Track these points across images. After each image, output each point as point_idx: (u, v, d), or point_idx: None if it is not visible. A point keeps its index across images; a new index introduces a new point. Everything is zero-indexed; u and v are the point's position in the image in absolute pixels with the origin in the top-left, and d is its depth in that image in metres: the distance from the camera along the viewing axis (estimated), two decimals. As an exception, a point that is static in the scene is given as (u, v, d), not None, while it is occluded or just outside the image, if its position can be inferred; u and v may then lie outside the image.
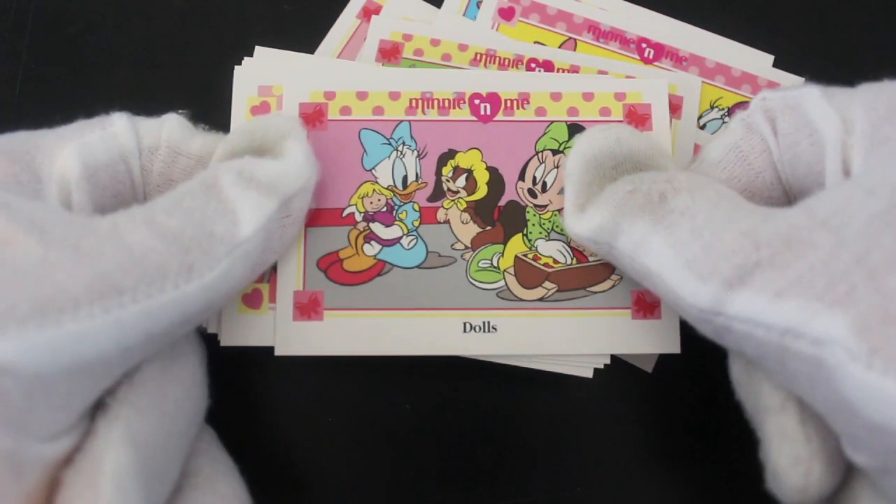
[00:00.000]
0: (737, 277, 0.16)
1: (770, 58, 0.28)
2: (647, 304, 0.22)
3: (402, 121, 0.23)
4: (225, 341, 0.21)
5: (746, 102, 0.27)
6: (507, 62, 0.27)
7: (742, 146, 0.20)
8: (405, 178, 0.23)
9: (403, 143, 0.23)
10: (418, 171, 0.23)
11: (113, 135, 0.20)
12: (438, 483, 0.24)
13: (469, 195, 0.23)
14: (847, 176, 0.18)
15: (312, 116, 0.23)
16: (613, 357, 0.23)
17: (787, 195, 0.21)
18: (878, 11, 0.30)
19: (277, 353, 0.21)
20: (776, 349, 0.16)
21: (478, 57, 0.27)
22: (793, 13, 0.30)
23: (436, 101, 0.24)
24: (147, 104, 0.23)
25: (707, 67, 0.28)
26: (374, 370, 0.25)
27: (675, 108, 0.26)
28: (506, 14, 0.29)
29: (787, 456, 0.17)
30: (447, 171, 0.23)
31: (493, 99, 0.24)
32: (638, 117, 0.23)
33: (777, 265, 0.16)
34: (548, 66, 0.26)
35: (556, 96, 0.24)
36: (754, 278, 0.16)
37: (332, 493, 0.24)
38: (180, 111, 0.21)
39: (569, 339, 0.22)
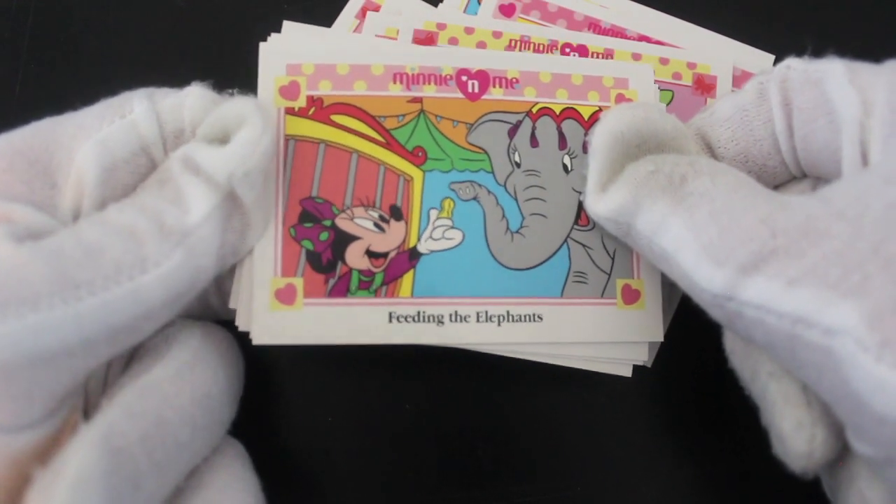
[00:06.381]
0: (752, 264, 0.16)
1: (770, 57, 0.28)
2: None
3: None
4: (257, 340, 0.20)
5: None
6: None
7: (749, 111, 0.20)
8: None
9: None
10: None
11: (133, 124, 0.19)
12: (438, 482, 0.24)
13: None
14: (864, 159, 0.18)
15: (424, 42, 0.26)
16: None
17: (786, 165, 0.21)
18: (879, 10, 0.30)
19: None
20: (786, 337, 0.16)
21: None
22: (793, 12, 0.30)
23: (532, 45, 0.26)
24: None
25: (708, 66, 0.28)
26: (373, 369, 0.25)
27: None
28: (506, 10, 0.29)
29: (791, 421, 0.17)
30: None
31: (582, 50, 0.26)
32: (705, 85, 0.26)
33: (792, 253, 0.16)
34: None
35: (636, 56, 0.26)
36: (769, 265, 0.16)
37: (332, 493, 0.24)
38: (202, 82, 0.20)
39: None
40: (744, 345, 0.19)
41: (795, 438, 0.17)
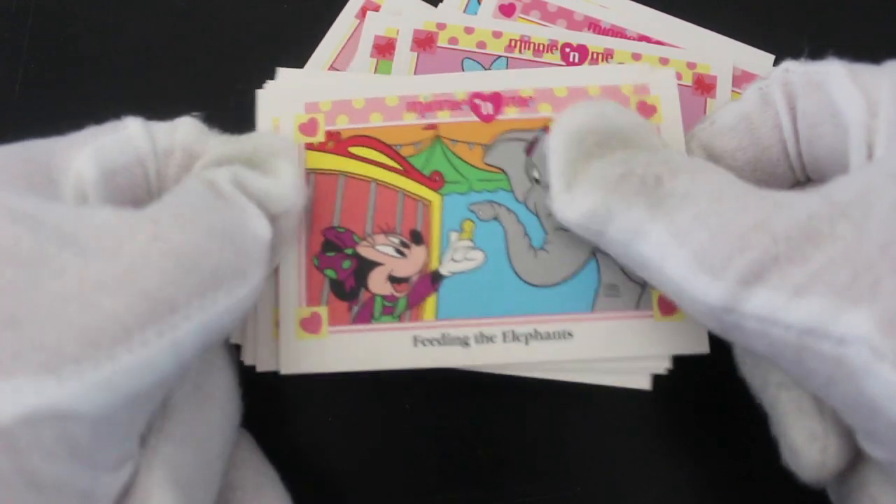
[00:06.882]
0: (753, 274, 0.15)
1: (770, 57, 0.28)
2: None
3: (500, 56, 0.27)
4: (285, 370, 0.20)
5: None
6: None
7: (754, 118, 0.20)
8: None
9: None
10: None
11: (127, 137, 0.19)
12: (438, 483, 0.24)
13: None
14: (871, 160, 0.17)
15: (424, 42, 0.27)
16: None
17: (793, 171, 0.20)
18: (879, 10, 0.30)
19: None
20: (793, 348, 0.15)
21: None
22: (793, 12, 0.30)
23: (532, 44, 0.27)
24: (147, 104, 0.22)
25: (708, 66, 0.28)
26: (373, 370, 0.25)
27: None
28: (506, 10, 0.29)
29: (804, 431, 0.17)
30: None
31: (582, 49, 0.27)
32: (705, 85, 0.27)
33: (796, 260, 0.15)
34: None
35: (636, 56, 0.27)
36: (772, 274, 0.15)
37: (332, 493, 0.24)
38: (193, 114, 0.21)
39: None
40: (752, 353, 0.19)
41: (808, 450, 0.17)
